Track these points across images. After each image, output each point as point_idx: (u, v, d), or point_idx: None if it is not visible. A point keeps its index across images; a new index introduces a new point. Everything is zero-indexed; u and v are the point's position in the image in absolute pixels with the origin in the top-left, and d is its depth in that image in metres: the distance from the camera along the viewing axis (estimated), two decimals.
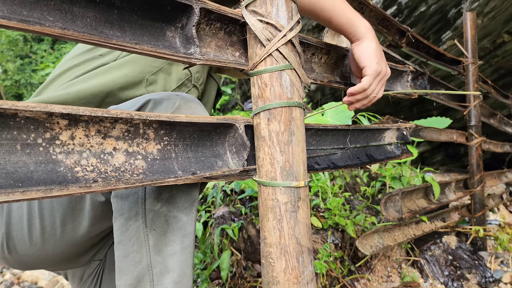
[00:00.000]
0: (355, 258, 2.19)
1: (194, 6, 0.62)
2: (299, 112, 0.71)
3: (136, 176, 0.58)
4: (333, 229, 2.17)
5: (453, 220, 2.18)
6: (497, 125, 2.68)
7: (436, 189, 1.99)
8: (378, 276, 2.15)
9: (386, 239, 1.85)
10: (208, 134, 0.68)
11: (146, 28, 0.61)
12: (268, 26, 0.66)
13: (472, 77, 2.37)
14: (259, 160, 0.72)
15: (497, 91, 2.72)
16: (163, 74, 1.07)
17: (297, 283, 0.74)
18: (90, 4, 0.54)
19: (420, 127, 1.89)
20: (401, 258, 2.23)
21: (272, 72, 0.68)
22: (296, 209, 0.72)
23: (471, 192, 2.27)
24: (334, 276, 1.98)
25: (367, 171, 2.69)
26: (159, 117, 0.59)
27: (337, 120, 2.58)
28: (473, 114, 2.33)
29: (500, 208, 2.78)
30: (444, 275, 2.07)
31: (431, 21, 3.34)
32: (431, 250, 2.20)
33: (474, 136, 2.31)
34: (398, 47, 1.68)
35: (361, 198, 2.53)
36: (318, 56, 0.84)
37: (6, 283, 2.31)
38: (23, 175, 0.46)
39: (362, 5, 1.25)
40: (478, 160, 2.30)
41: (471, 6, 3.03)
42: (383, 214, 1.70)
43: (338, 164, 0.87)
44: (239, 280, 1.91)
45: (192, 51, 0.63)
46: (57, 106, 0.48)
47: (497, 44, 3.32)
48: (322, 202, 2.24)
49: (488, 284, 1.98)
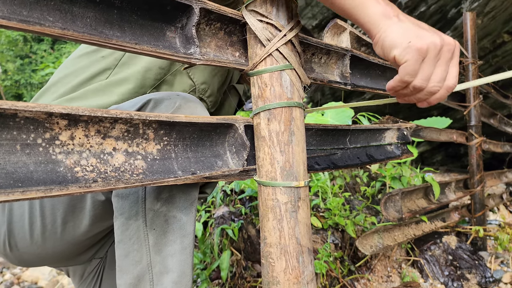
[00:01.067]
0: (355, 258, 2.19)
1: (194, 6, 0.62)
2: (299, 112, 0.71)
3: (136, 176, 0.58)
4: (333, 229, 2.17)
5: (453, 220, 2.18)
6: (497, 125, 2.68)
7: (436, 189, 1.99)
8: (378, 276, 2.15)
9: (386, 239, 1.85)
10: (208, 134, 0.68)
11: (146, 28, 0.60)
12: (268, 26, 0.66)
13: (472, 77, 2.37)
14: (259, 160, 0.72)
15: (497, 91, 2.72)
16: (165, 86, 1.05)
17: (297, 283, 0.74)
18: (90, 4, 0.54)
19: (420, 127, 1.89)
20: (401, 258, 2.23)
21: (272, 72, 0.68)
22: (296, 209, 0.72)
23: (471, 192, 2.27)
24: (334, 276, 1.98)
25: (367, 171, 2.69)
26: (158, 117, 0.59)
27: (337, 120, 2.58)
28: (473, 114, 2.33)
29: (500, 208, 2.78)
30: (444, 275, 2.07)
31: (431, 21, 3.34)
32: (431, 250, 2.20)
33: (474, 136, 2.31)
34: None
35: (361, 198, 2.53)
36: (318, 56, 0.84)
37: (6, 283, 2.31)
38: (23, 175, 0.46)
39: None
40: (478, 160, 2.30)
41: (471, 6, 3.03)
42: (383, 214, 1.70)
43: (338, 164, 0.87)
44: (239, 280, 1.91)
45: (192, 51, 0.63)
46: (57, 106, 0.48)
47: (497, 44, 3.32)
48: (322, 202, 2.24)
49: (488, 284, 1.98)
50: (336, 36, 1.09)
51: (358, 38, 1.17)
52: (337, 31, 1.08)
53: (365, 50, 1.27)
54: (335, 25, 1.05)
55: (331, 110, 2.70)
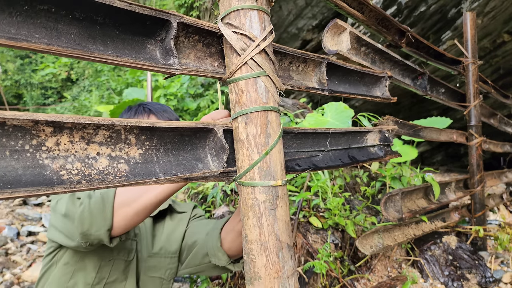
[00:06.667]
0: (355, 258, 2.21)
1: (172, 20, 0.67)
2: (274, 115, 0.75)
3: (119, 178, 0.63)
4: (333, 229, 2.19)
5: (453, 220, 2.19)
6: (497, 125, 2.67)
7: (436, 189, 2.00)
8: (378, 276, 2.17)
9: (386, 239, 1.86)
10: (188, 139, 0.73)
11: (127, 42, 0.66)
12: (242, 37, 0.71)
13: (472, 77, 2.37)
14: (239, 161, 0.76)
15: (497, 91, 2.72)
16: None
17: (278, 278, 0.78)
18: (74, 22, 0.60)
19: (420, 127, 1.90)
20: (401, 258, 2.24)
21: (248, 79, 0.72)
22: (274, 207, 0.77)
23: (471, 192, 2.27)
24: (334, 276, 2.01)
25: (367, 171, 2.71)
26: (139, 123, 0.64)
27: (337, 120, 2.60)
28: (473, 114, 2.34)
29: (500, 208, 2.77)
30: (444, 275, 2.08)
31: (431, 21, 3.34)
32: (431, 250, 2.21)
33: (474, 136, 2.31)
34: (398, 47, 1.69)
35: (361, 198, 2.55)
36: (296, 64, 0.88)
37: (6, 283, 2.34)
38: (12, 178, 0.51)
39: (362, 5, 1.27)
40: (478, 160, 2.30)
41: (471, 6, 3.03)
42: (383, 214, 1.72)
43: (319, 166, 0.91)
44: (239, 280, 1.95)
45: (171, 62, 0.68)
46: (42, 114, 0.53)
47: (497, 44, 3.31)
48: (322, 202, 2.26)
49: (488, 284, 1.99)
50: (336, 36, 1.12)
51: (358, 38, 1.20)
52: (337, 31, 1.11)
53: (365, 50, 1.30)
54: (335, 25, 1.08)
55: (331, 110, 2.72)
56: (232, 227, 1.18)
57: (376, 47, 1.30)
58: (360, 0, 1.24)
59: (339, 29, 1.10)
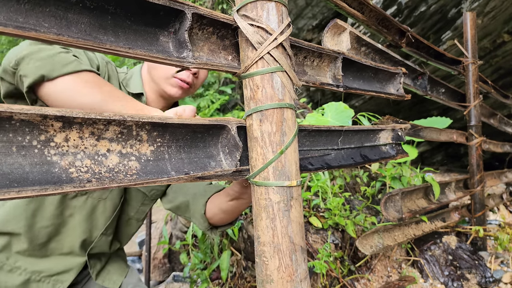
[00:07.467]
0: (355, 258, 2.19)
1: (186, 11, 0.63)
2: (290, 113, 0.73)
3: (130, 176, 0.59)
4: (333, 229, 2.18)
5: (453, 220, 2.18)
6: (497, 125, 2.67)
7: (436, 189, 1.99)
8: (378, 276, 2.16)
9: (386, 239, 1.85)
10: (201, 136, 0.70)
11: (139, 33, 0.62)
12: (259, 29, 0.68)
13: (472, 77, 2.37)
14: (252, 160, 0.73)
15: (497, 91, 2.72)
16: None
17: (291, 281, 0.76)
18: (85, 11, 0.56)
19: (420, 127, 1.89)
20: (401, 258, 2.24)
21: (264, 74, 0.69)
22: (289, 208, 0.74)
23: (471, 192, 2.27)
24: (334, 276, 1.99)
25: (367, 171, 2.70)
26: (151, 119, 0.60)
27: (337, 120, 2.59)
28: (473, 114, 2.33)
29: (500, 208, 2.78)
30: (444, 275, 2.07)
31: (431, 21, 3.34)
32: (431, 250, 2.20)
33: (474, 136, 2.31)
34: (398, 47, 1.68)
35: (361, 198, 2.54)
36: (310, 59, 0.85)
37: None
38: (18, 176, 0.48)
39: (362, 5, 1.25)
40: (478, 160, 2.30)
41: (471, 6, 3.03)
42: (383, 214, 1.71)
43: (332, 165, 0.88)
44: (239, 280, 1.93)
45: (185, 55, 0.65)
46: (51, 109, 0.50)
47: (497, 44, 3.32)
48: (322, 202, 2.25)
49: (488, 284, 1.98)
50: (336, 36, 1.10)
51: (358, 38, 1.18)
52: (337, 31, 1.09)
53: (365, 50, 1.28)
54: (335, 25, 1.06)
55: (331, 110, 2.70)
56: (219, 204, 1.19)
57: (376, 47, 1.28)
58: (360, 0, 1.22)
59: (339, 29, 1.08)
